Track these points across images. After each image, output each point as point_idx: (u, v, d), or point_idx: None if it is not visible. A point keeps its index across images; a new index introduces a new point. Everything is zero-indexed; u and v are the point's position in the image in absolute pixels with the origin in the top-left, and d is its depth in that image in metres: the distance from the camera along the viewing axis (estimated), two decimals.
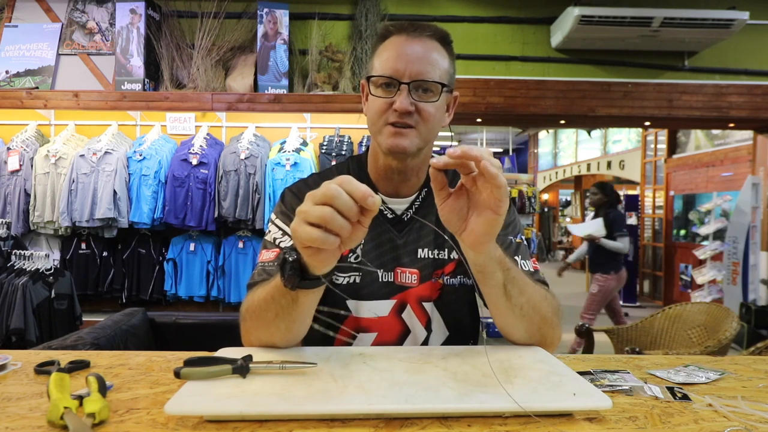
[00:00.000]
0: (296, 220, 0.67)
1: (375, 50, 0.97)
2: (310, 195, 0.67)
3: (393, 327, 0.98)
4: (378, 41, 0.97)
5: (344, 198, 0.64)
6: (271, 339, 0.84)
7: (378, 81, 0.93)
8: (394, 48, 0.93)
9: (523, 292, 0.84)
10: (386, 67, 0.92)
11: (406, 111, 0.90)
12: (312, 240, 0.65)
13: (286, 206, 1.02)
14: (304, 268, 0.73)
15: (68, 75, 3.87)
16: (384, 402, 0.62)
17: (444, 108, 0.98)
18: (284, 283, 0.74)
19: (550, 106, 3.95)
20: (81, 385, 0.69)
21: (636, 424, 0.62)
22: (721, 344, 2.38)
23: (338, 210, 0.64)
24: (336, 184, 0.65)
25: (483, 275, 0.82)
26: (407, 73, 0.90)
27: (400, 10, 3.97)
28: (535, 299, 0.86)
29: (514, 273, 0.83)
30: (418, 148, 0.94)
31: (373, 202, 0.65)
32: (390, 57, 0.92)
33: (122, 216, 3.49)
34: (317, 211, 0.64)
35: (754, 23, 3.91)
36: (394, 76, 0.91)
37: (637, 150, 8.75)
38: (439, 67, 0.93)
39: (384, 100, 0.92)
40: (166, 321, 2.18)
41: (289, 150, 3.49)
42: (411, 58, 0.91)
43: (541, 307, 0.87)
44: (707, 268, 5.71)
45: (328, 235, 0.65)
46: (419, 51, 0.92)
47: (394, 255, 1.00)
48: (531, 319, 0.86)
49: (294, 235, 0.67)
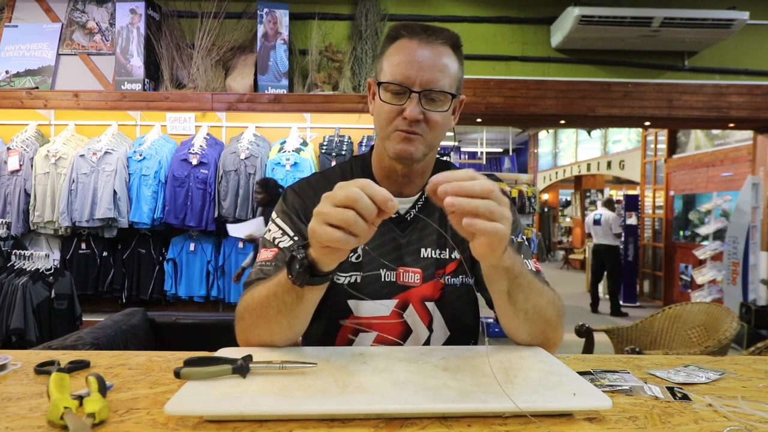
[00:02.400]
0: (316, 221, 0.69)
1: (384, 51, 0.96)
2: (329, 196, 0.69)
3: (394, 326, 0.98)
4: (387, 42, 0.96)
5: (366, 201, 0.66)
6: (270, 337, 0.84)
7: (388, 87, 0.92)
8: (405, 53, 0.92)
9: (529, 298, 0.84)
10: (397, 74, 0.91)
11: (416, 120, 0.90)
12: (333, 241, 0.68)
13: (287, 205, 1.01)
14: (312, 265, 0.75)
15: (68, 75, 3.87)
16: (384, 402, 0.62)
17: (451, 114, 0.98)
18: (293, 281, 0.75)
19: (550, 106, 3.95)
20: (81, 385, 0.69)
21: (636, 424, 0.62)
22: (721, 344, 2.38)
23: (359, 213, 0.66)
24: (358, 188, 0.67)
25: (488, 279, 0.83)
26: (418, 81, 0.90)
27: (400, 10, 3.97)
28: (540, 304, 0.86)
29: (522, 280, 0.82)
30: (424, 154, 0.95)
31: (393, 205, 0.68)
32: (401, 62, 0.91)
33: (122, 216, 3.49)
34: (340, 214, 0.67)
35: (754, 23, 3.91)
36: (404, 83, 0.90)
37: (637, 150, 8.75)
38: (449, 75, 0.93)
39: (394, 106, 0.92)
40: (166, 321, 2.18)
41: (289, 150, 3.49)
42: (423, 65, 0.90)
43: (546, 312, 0.87)
44: (707, 268, 5.71)
45: (349, 236, 0.68)
46: (430, 58, 0.91)
47: (397, 254, 1.00)
48: (535, 323, 0.86)
49: (313, 235, 0.70)
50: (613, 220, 6.99)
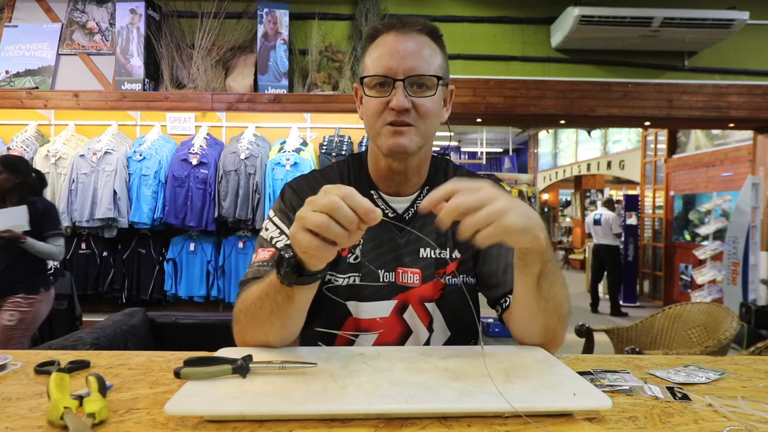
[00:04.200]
0: (295, 225, 0.68)
1: (365, 51, 0.95)
2: (311, 201, 0.67)
3: (394, 328, 0.97)
4: (367, 42, 0.96)
5: (344, 211, 0.65)
6: (265, 337, 0.84)
7: (372, 81, 0.91)
8: (385, 46, 0.91)
9: (553, 286, 0.82)
10: (379, 66, 0.90)
11: (404, 108, 0.89)
12: (310, 248, 0.67)
13: (285, 204, 1.00)
14: (300, 265, 0.74)
15: (68, 75, 3.87)
16: (384, 402, 0.62)
17: (441, 103, 0.96)
18: (281, 280, 0.75)
19: (550, 106, 3.95)
20: (81, 385, 0.69)
21: (636, 424, 0.62)
22: (721, 344, 2.38)
23: (337, 221, 0.65)
24: (339, 197, 0.65)
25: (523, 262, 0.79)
26: (401, 69, 0.89)
27: (400, 10, 3.97)
28: (560, 298, 0.84)
29: (552, 266, 0.81)
30: (418, 146, 0.93)
31: (374, 217, 0.66)
32: (382, 55, 0.90)
33: (122, 216, 3.49)
34: (317, 221, 0.65)
35: (754, 23, 3.91)
36: (387, 74, 0.89)
37: (637, 150, 8.75)
38: (432, 62, 0.91)
39: (379, 100, 0.91)
40: (166, 321, 2.18)
41: (289, 150, 3.49)
42: (403, 54, 0.89)
43: (563, 307, 0.85)
44: (707, 268, 5.71)
45: (326, 244, 0.67)
46: (411, 47, 0.90)
47: (395, 255, 0.98)
48: (551, 315, 0.85)
49: (293, 240, 0.69)
50: (613, 220, 6.99)
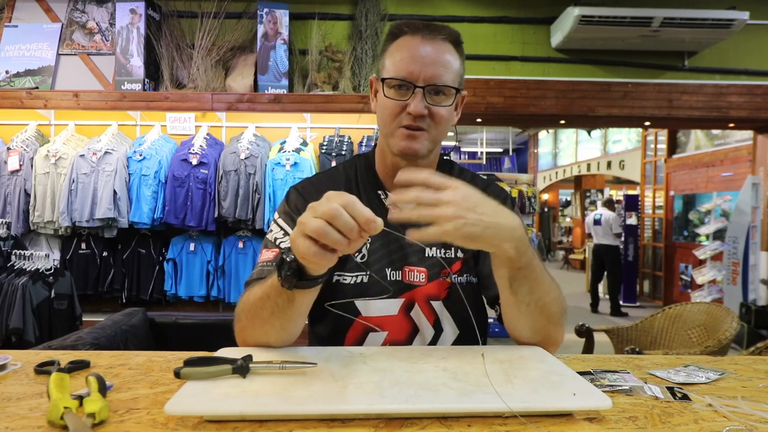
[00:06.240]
0: (295, 230, 0.69)
1: (386, 48, 0.96)
2: (312, 207, 0.68)
3: (402, 325, 0.98)
4: (389, 39, 0.97)
5: (345, 219, 0.65)
6: (265, 337, 0.84)
7: (392, 83, 0.93)
8: (408, 49, 0.92)
9: (533, 291, 0.83)
10: (400, 69, 0.91)
11: (421, 114, 0.91)
12: (309, 255, 0.67)
13: (290, 206, 1.02)
14: (301, 268, 0.74)
15: (68, 75, 3.87)
16: (384, 402, 0.62)
17: (454, 109, 0.98)
18: (281, 283, 0.75)
19: (550, 106, 3.95)
20: (81, 385, 0.69)
21: (636, 424, 0.62)
22: (721, 344, 2.38)
23: (337, 228, 0.65)
24: (340, 205, 0.65)
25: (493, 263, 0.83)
26: (422, 76, 0.90)
27: (400, 10, 3.97)
28: (544, 301, 0.85)
29: (528, 272, 0.81)
30: (429, 150, 0.95)
31: (375, 227, 0.66)
32: (404, 58, 0.92)
33: (122, 216, 3.48)
34: (316, 228, 0.65)
35: (754, 23, 3.91)
36: (408, 78, 0.91)
37: (637, 150, 8.75)
38: (452, 70, 0.93)
39: (397, 102, 0.92)
40: (166, 321, 2.17)
41: (289, 150, 3.49)
42: (426, 61, 0.91)
43: (550, 309, 0.86)
44: (707, 268, 5.71)
45: (324, 251, 0.67)
46: (433, 54, 0.91)
47: (401, 254, 1.00)
48: (535, 317, 0.86)
49: (292, 245, 0.70)
50: (613, 220, 6.99)
